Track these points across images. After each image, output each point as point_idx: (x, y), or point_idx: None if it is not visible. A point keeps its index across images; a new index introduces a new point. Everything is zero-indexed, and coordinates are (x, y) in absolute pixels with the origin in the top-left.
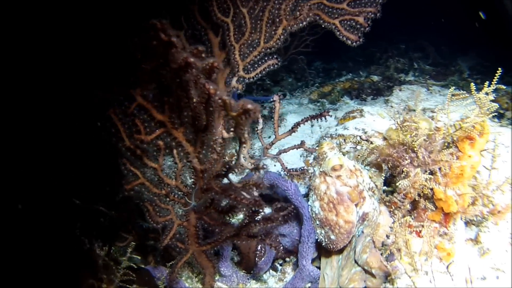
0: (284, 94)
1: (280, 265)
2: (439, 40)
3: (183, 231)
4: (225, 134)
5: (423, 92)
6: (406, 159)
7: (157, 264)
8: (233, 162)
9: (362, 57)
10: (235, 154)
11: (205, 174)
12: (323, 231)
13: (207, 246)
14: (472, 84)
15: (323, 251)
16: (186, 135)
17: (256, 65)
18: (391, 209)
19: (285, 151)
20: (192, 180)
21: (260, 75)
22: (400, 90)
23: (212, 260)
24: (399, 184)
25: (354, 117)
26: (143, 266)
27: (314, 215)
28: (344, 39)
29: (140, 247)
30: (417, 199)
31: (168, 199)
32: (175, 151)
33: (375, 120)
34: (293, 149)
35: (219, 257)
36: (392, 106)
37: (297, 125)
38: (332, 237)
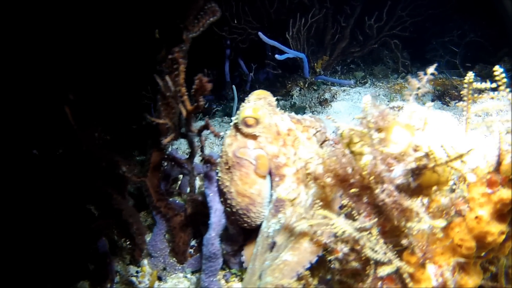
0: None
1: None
2: None
3: None
4: None
5: None
6: (354, 186)
7: None
8: None
9: (468, 50)
10: None
11: None
12: (221, 198)
13: None
14: None
15: None
16: None
17: (199, 17)
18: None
19: (205, 127)
20: None
21: (203, 28)
22: (492, 98)
23: None
24: (338, 228)
25: None
26: None
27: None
28: None
29: None
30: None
31: None
32: None
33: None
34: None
35: None
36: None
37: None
38: (228, 209)
